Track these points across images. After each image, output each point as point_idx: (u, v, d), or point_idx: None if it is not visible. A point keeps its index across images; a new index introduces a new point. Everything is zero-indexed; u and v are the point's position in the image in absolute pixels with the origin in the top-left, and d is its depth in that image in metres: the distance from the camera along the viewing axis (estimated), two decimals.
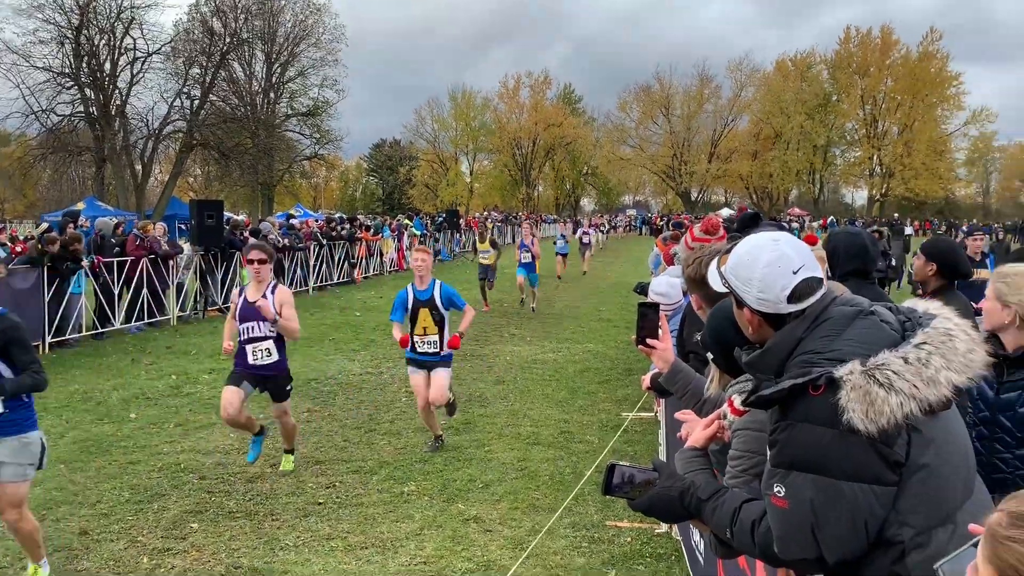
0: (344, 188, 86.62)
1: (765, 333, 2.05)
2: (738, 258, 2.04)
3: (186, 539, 5.37)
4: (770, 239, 2.03)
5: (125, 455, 7.19)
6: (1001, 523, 1.26)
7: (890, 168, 69.67)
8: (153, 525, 5.60)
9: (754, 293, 1.99)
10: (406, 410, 8.74)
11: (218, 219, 16.49)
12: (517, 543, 5.21)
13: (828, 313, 1.93)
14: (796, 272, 1.95)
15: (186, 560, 5.04)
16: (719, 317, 2.56)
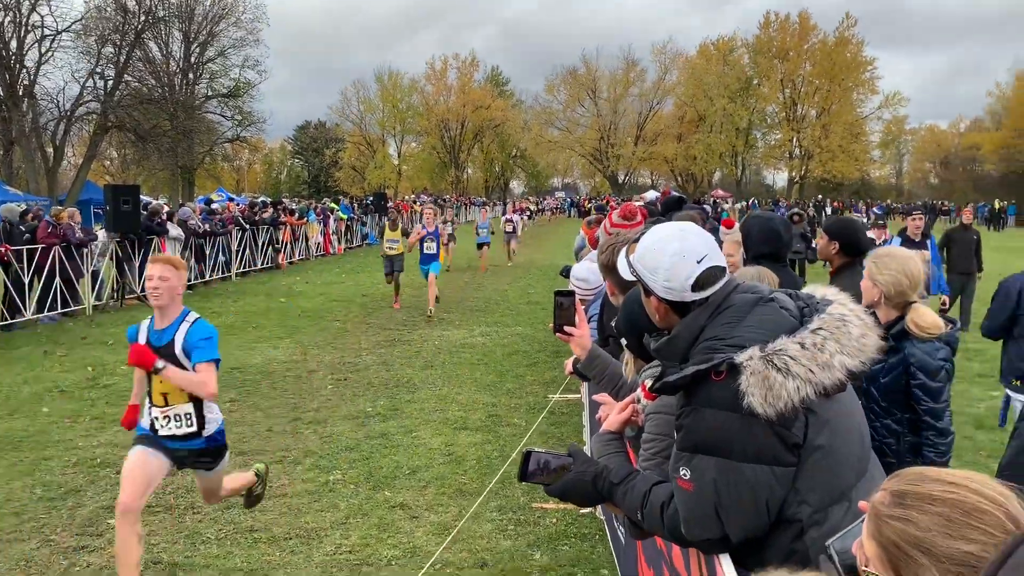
0: (268, 171, 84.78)
1: (671, 320, 2.10)
2: (645, 248, 2.09)
3: (103, 536, 5.21)
4: (677, 229, 2.08)
5: (37, 451, 6.94)
6: (884, 501, 1.31)
7: (809, 150, 71.67)
8: (68, 523, 5.43)
9: (660, 282, 2.04)
10: (331, 398, 8.66)
11: (135, 204, 15.94)
12: (444, 528, 5.22)
13: (730, 301, 2.00)
14: (700, 261, 2.01)
15: (103, 557, 4.90)
16: (632, 303, 2.62)
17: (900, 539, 1.27)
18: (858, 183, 76.27)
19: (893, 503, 1.30)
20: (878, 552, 1.31)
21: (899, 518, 1.28)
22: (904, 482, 1.32)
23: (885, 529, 1.30)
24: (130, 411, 4.65)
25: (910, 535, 1.26)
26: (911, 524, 1.26)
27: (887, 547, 1.29)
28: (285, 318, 14.15)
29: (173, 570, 4.73)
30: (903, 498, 1.29)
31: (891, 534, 1.28)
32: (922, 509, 1.27)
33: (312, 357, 10.83)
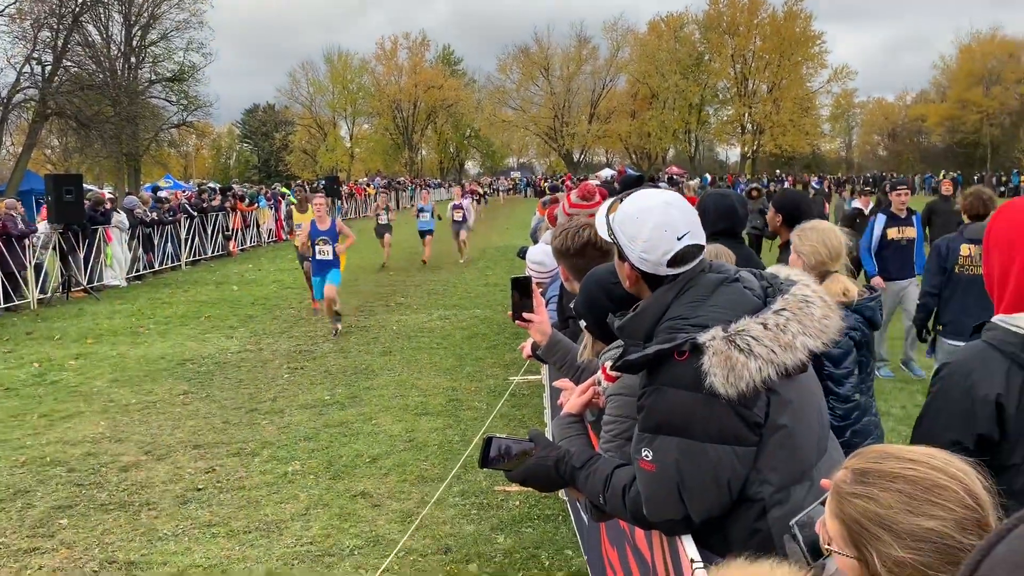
0: (216, 156, 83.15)
1: (640, 289, 2.09)
2: (627, 214, 2.05)
3: (54, 536, 5.08)
4: (662, 201, 2.04)
5: None
6: (845, 480, 1.32)
7: (760, 125, 72.48)
8: (17, 524, 5.27)
9: (637, 252, 2.02)
10: (288, 387, 8.53)
11: (78, 194, 15.48)
12: (406, 516, 5.18)
13: (696, 280, 1.98)
14: (680, 238, 1.98)
15: (55, 559, 4.77)
16: (592, 284, 2.58)
17: (862, 516, 1.28)
18: (809, 157, 77.39)
19: (855, 481, 1.31)
20: (840, 530, 1.31)
21: (861, 495, 1.29)
22: (865, 460, 1.33)
23: (847, 507, 1.30)
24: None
25: (871, 512, 1.27)
26: (872, 501, 1.27)
27: (849, 524, 1.30)
28: (238, 307, 13.91)
29: (130, 569, 4.62)
30: (865, 476, 1.30)
31: (853, 511, 1.29)
32: (883, 487, 1.28)
33: (267, 346, 10.66)
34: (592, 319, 2.59)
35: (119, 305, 14.53)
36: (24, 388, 8.78)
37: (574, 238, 3.03)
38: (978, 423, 2.05)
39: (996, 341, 2.08)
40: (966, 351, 2.16)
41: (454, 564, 4.56)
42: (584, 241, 3.01)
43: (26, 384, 8.97)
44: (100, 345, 10.99)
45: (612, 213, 2.10)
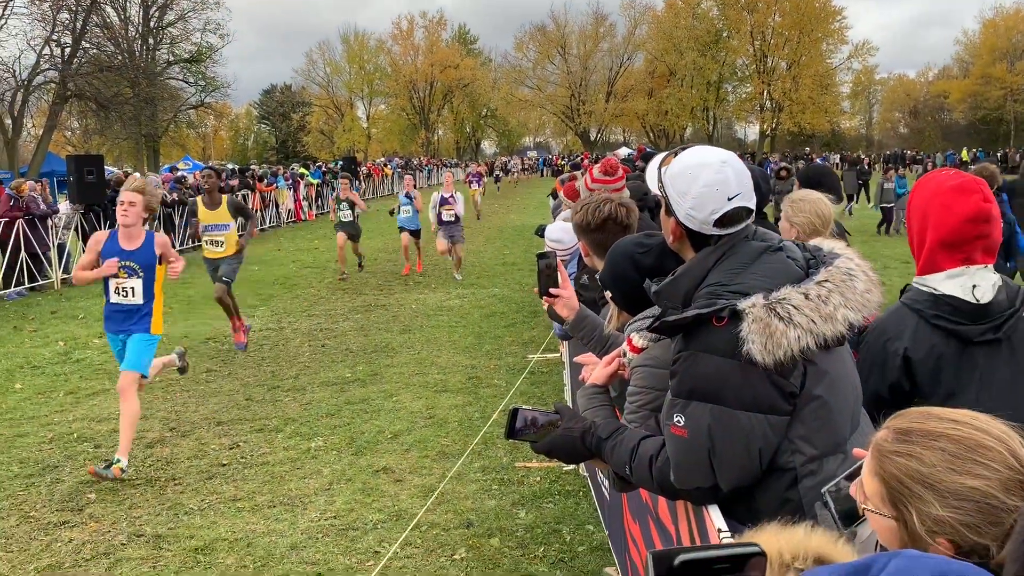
0: (235, 137, 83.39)
1: (683, 247, 2.08)
2: (680, 168, 2.03)
3: (83, 511, 5.16)
4: (718, 159, 2.01)
5: (12, 428, 6.83)
6: (887, 439, 1.32)
7: (779, 103, 71.74)
8: (47, 499, 5.37)
9: (686, 207, 2.00)
10: (310, 365, 8.60)
11: (99, 175, 15.61)
12: (428, 490, 5.23)
13: (739, 247, 1.97)
14: (731, 199, 1.96)
15: (84, 532, 4.85)
16: (618, 255, 2.58)
17: (903, 474, 1.28)
18: (828, 135, 76.59)
19: (897, 439, 1.30)
20: (879, 489, 1.31)
21: (903, 453, 1.29)
22: (908, 420, 1.33)
23: (888, 465, 1.30)
24: None
25: (914, 470, 1.26)
26: (915, 459, 1.27)
27: (889, 483, 1.29)
28: (259, 286, 14.01)
29: (157, 542, 4.70)
30: (908, 435, 1.30)
31: (895, 469, 1.29)
32: (926, 445, 1.27)
33: (288, 325, 10.74)
34: (618, 290, 2.59)
35: None
36: (50, 366, 8.91)
37: (595, 213, 3.01)
38: (889, 374, 2.34)
39: (909, 300, 2.39)
40: (887, 311, 2.40)
41: (476, 538, 4.61)
42: (605, 216, 3.00)
43: (52, 362, 9.09)
44: None
45: (665, 166, 2.08)
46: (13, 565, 4.48)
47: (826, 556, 1.20)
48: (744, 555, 0.92)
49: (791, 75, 71.33)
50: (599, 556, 4.34)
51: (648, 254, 2.44)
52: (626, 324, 2.50)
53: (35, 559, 4.54)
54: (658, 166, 2.12)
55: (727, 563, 0.91)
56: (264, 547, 4.58)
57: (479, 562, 4.34)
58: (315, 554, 4.48)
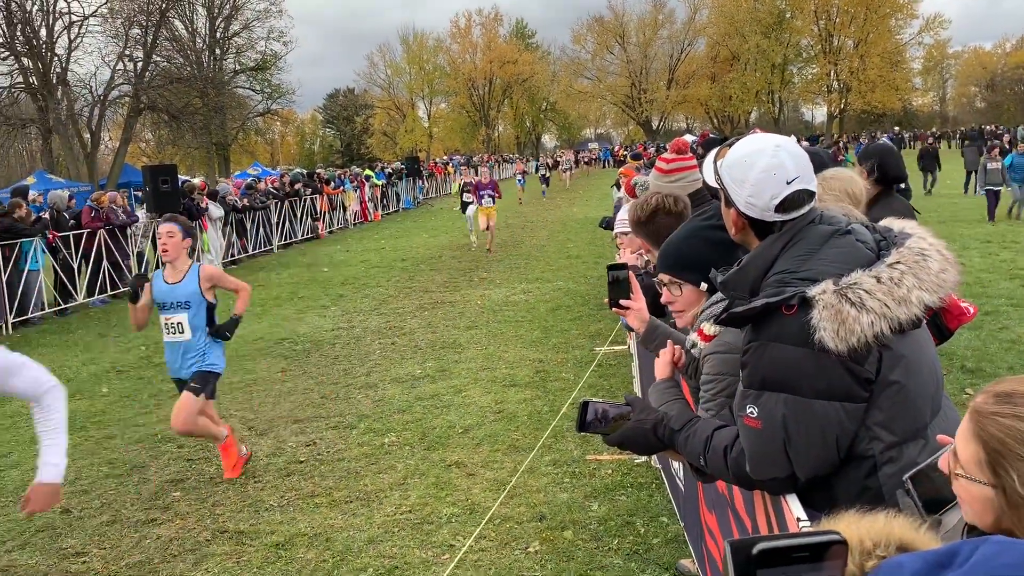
0: (301, 142, 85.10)
1: (747, 237, 2.04)
2: (736, 157, 2.01)
3: (169, 508, 5.35)
4: (772, 144, 1.99)
5: (100, 430, 7.13)
6: (987, 402, 1.28)
7: (847, 83, 69.71)
8: (135, 497, 5.58)
9: (744, 196, 1.97)
10: (381, 362, 8.73)
11: (173, 184, 16.12)
12: (500, 484, 5.26)
13: (805, 232, 1.93)
14: (790, 183, 1.92)
15: (171, 529, 5.03)
16: (696, 230, 2.58)
17: (1007, 435, 1.24)
18: (900, 113, 74.11)
19: (999, 402, 1.27)
20: (978, 452, 1.27)
21: (1007, 415, 1.25)
22: (1009, 385, 1.30)
23: (990, 426, 1.26)
24: None
25: (1018, 430, 1.23)
26: (1020, 420, 1.23)
27: (991, 444, 1.25)
28: (329, 287, 14.28)
29: (240, 538, 4.84)
30: (1010, 397, 1.26)
31: (997, 431, 1.25)
32: None
33: (359, 323, 10.92)
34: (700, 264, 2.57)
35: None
36: (134, 370, 9.25)
37: (643, 207, 3.12)
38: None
39: None
40: None
41: (549, 531, 4.62)
42: (653, 208, 3.11)
43: (135, 366, 9.44)
44: None
45: (720, 159, 2.06)
46: (106, 562, 4.68)
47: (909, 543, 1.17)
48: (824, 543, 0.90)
49: (858, 53, 69.17)
50: (674, 548, 4.30)
51: (714, 215, 2.49)
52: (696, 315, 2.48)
53: (126, 555, 4.73)
54: (713, 159, 2.10)
55: (807, 551, 0.89)
56: (342, 541, 4.67)
57: (553, 555, 4.35)
58: (391, 548, 4.56)
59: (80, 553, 4.80)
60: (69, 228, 14.05)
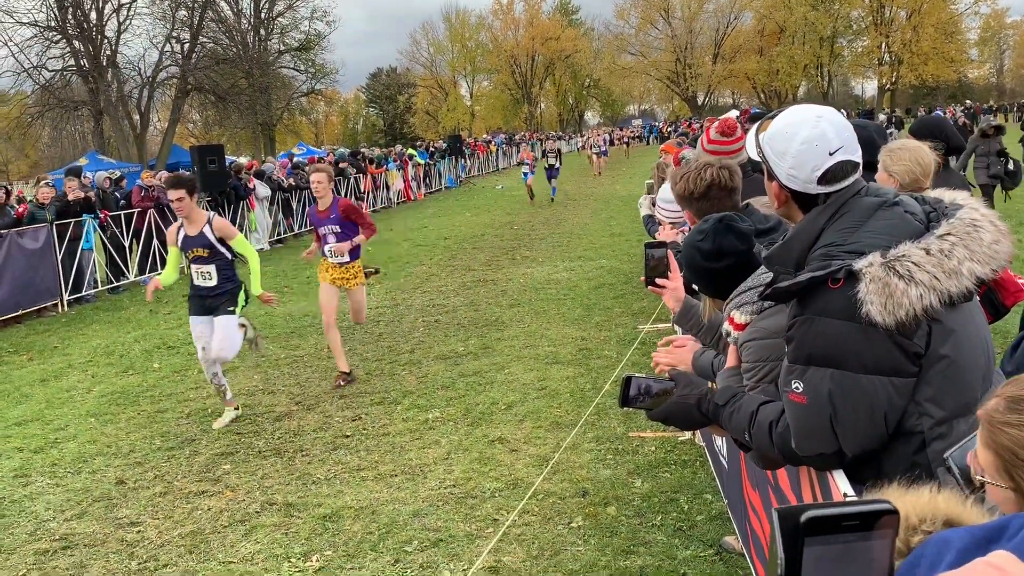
0: (345, 122, 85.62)
1: (791, 211, 2.01)
2: (777, 129, 1.98)
3: (220, 480, 5.48)
4: (814, 115, 1.96)
5: (152, 404, 7.31)
6: (998, 408, 1.26)
7: (899, 55, 67.83)
8: (186, 470, 5.72)
9: (785, 168, 1.94)
10: (424, 340, 8.81)
11: (220, 163, 16.36)
12: (543, 460, 5.29)
13: (851, 204, 1.89)
14: (832, 153, 1.89)
15: (221, 501, 5.16)
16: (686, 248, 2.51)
17: (1016, 445, 1.22)
18: (955, 86, 71.94)
19: (1007, 409, 1.24)
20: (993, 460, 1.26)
21: (1015, 424, 1.22)
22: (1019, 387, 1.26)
23: (1000, 436, 1.24)
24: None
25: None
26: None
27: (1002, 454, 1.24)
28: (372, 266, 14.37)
29: (288, 510, 4.94)
30: (1019, 404, 1.23)
31: (1006, 440, 1.23)
32: None
33: (402, 301, 11.01)
34: (698, 281, 2.54)
35: (264, 267, 15.12)
36: (184, 346, 9.44)
37: (696, 181, 2.86)
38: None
39: None
40: None
41: (592, 507, 4.63)
42: (708, 182, 2.83)
43: (186, 342, 9.62)
44: (250, 304, 11.63)
45: (762, 132, 2.03)
46: (160, 531, 4.82)
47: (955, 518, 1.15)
48: (875, 512, 0.89)
49: (911, 25, 67.20)
50: (718, 525, 4.29)
51: (705, 239, 2.38)
52: (724, 305, 2.45)
53: (179, 526, 4.86)
54: (756, 132, 2.07)
55: (856, 520, 0.88)
56: (388, 514, 4.75)
57: (596, 530, 4.37)
58: (436, 521, 4.61)
59: (135, 523, 4.95)
60: (119, 208, 14.36)
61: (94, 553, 4.61)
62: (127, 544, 4.68)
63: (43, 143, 50.81)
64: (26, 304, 11.89)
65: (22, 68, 39.40)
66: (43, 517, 5.12)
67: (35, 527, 5.00)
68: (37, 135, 46.44)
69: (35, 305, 12.10)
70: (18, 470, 5.95)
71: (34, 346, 10.19)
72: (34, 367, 9.10)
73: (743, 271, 2.33)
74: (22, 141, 46.57)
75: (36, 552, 4.67)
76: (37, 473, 5.87)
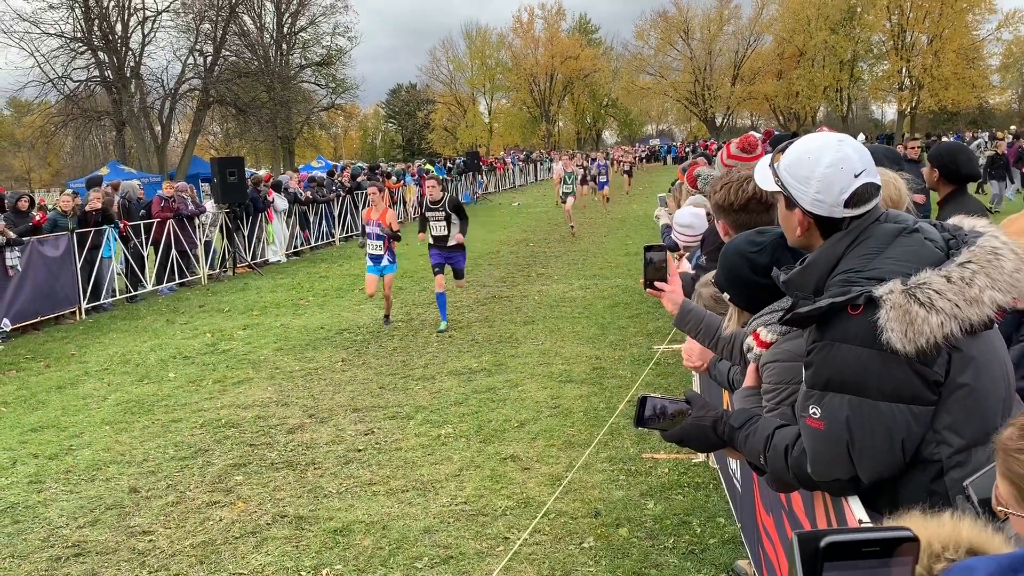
0: (364, 137, 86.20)
1: (813, 238, 1.99)
2: (797, 156, 1.97)
3: (232, 491, 5.49)
4: (835, 139, 1.96)
5: (167, 414, 7.35)
6: (1012, 437, 1.25)
7: (919, 80, 67.62)
8: (199, 480, 5.74)
9: (811, 193, 1.93)
10: (438, 355, 8.81)
11: (240, 176, 16.49)
12: (555, 479, 5.27)
13: (871, 231, 1.88)
14: (858, 175, 1.89)
15: (233, 512, 5.16)
16: (731, 255, 2.50)
17: None
18: (975, 111, 71.56)
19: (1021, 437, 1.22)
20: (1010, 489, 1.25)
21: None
22: None
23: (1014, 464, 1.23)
24: None
25: None
26: None
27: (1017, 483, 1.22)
28: None
29: (299, 523, 4.95)
30: None
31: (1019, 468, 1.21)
32: None
33: (417, 316, 11.03)
34: (735, 291, 2.51)
35: (280, 280, 15.42)
36: (199, 356, 9.50)
37: (738, 192, 2.85)
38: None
39: None
40: None
41: (604, 527, 4.61)
42: (749, 195, 2.82)
43: (201, 353, 9.69)
44: (265, 316, 11.73)
45: (777, 162, 2.02)
46: (171, 540, 4.83)
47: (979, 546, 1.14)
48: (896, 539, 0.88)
49: (932, 50, 66.99)
50: (731, 549, 4.25)
51: (762, 252, 2.34)
52: (748, 321, 2.43)
53: (190, 536, 4.87)
54: (769, 164, 2.06)
55: (876, 546, 0.87)
56: (399, 530, 4.74)
57: (608, 551, 4.34)
58: (447, 538, 4.60)
59: (147, 532, 4.96)
60: (140, 217, 14.50)
61: (106, 561, 4.63)
62: (139, 553, 4.70)
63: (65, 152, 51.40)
64: (45, 311, 12.01)
65: (47, 78, 39.94)
66: (56, 524, 5.15)
67: (48, 533, 5.02)
68: (60, 144, 47.00)
69: (54, 312, 12.21)
70: (33, 476, 5.99)
71: (51, 353, 10.27)
72: (51, 374, 9.18)
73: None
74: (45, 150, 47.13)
75: (49, 558, 4.69)
76: (51, 480, 5.91)
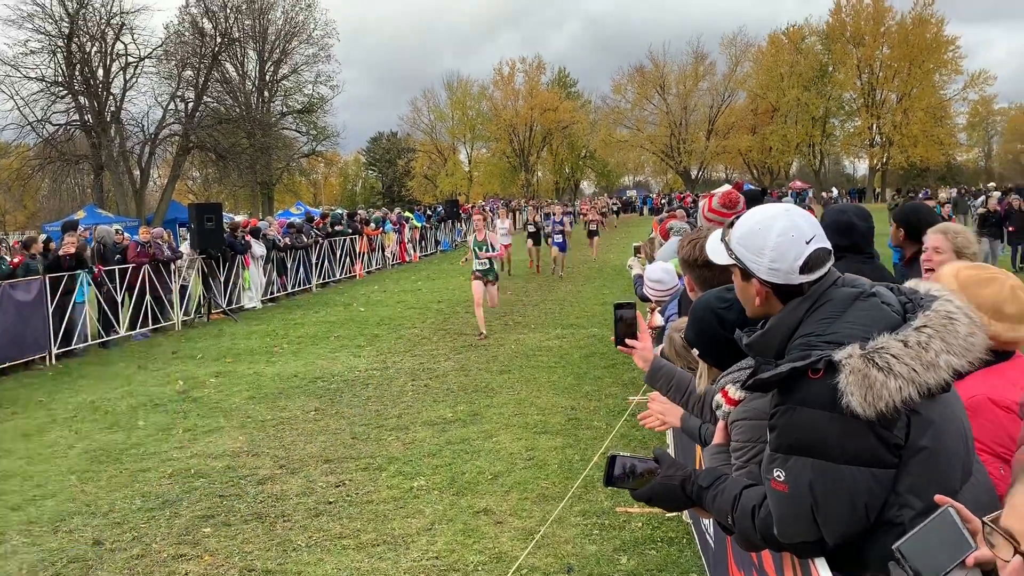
0: (344, 183, 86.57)
1: (772, 306, 2.03)
2: (748, 228, 2.01)
3: (199, 544, 5.39)
4: (781, 209, 2.02)
5: (135, 463, 7.22)
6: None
7: (889, 137, 69.28)
8: (166, 532, 5.63)
9: (766, 263, 1.96)
10: (413, 404, 8.76)
11: (218, 222, 16.47)
12: (528, 533, 5.22)
13: (829, 295, 1.93)
14: (809, 242, 1.93)
15: (200, 566, 5.06)
16: (701, 310, 2.55)
17: None
18: (943, 168, 73.27)
19: None
20: None
21: None
22: None
23: None
24: None
25: None
26: None
27: None
28: (364, 327, 14.39)
29: None
30: None
31: None
32: None
33: (392, 364, 10.98)
34: (704, 346, 2.55)
35: (255, 326, 15.31)
36: (170, 404, 9.38)
37: (702, 249, 2.90)
38: None
39: None
40: None
41: None
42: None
43: (172, 400, 9.57)
44: (238, 364, 11.61)
45: (728, 236, 2.07)
46: None
47: None
48: None
49: (901, 108, 68.86)
50: None
51: (731, 308, 2.40)
52: (718, 377, 2.47)
53: None
54: (720, 239, 2.10)
55: None
56: None
57: None
58: None
59: None
60: (116, 262, 14.40)
61: None
62: None
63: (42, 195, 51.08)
64: (15, 356, 11.82)
65: (26, 121, 39.85)
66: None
67: None
68: (36, 187, 46.73)
69: (24, 357, 12.02)
70: None
71: (19, 400, 10.09)
72: (18, 421, 9.00)
73: None
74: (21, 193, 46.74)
75: None
76: (13, 531, 5.76)
